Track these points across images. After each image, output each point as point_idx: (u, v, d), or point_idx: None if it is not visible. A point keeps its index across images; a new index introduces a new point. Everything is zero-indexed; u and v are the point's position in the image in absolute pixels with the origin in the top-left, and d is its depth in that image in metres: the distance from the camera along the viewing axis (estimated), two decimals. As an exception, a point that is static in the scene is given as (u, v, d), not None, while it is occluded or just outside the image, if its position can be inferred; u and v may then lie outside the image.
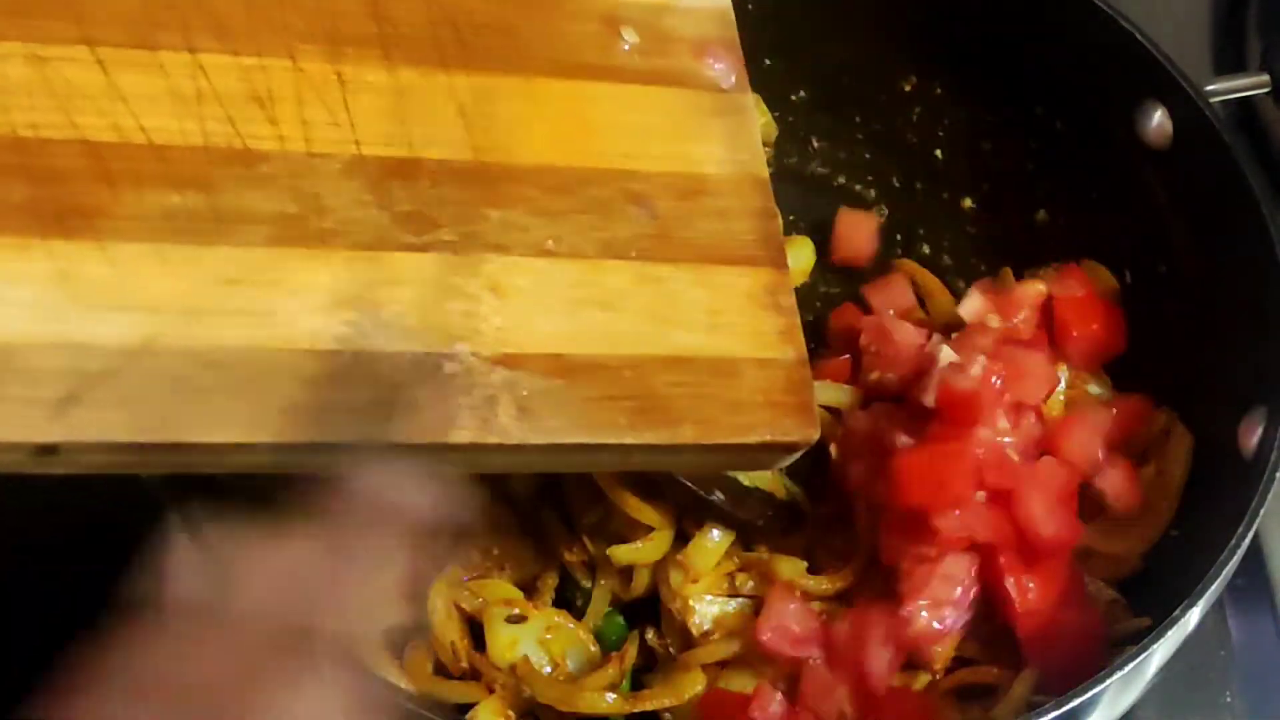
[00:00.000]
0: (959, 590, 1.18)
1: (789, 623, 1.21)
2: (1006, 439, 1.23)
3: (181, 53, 1.00)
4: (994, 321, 1.33)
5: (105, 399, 0.90)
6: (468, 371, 0.99)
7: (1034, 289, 1.36)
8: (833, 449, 1.32)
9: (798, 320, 1.12)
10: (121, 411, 0.90)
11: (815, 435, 1.09)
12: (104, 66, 0.98)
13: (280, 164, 0.99)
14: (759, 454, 1.10)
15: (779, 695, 1.17)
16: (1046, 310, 1.36)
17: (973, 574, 1.19)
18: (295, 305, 0.96)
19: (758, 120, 1.16)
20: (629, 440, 1.02)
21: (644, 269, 1.06)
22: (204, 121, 0.99)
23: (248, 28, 1.02)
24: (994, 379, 1.23)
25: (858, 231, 1.48)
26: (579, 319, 1.04)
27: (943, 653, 1.20)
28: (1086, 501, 1.26)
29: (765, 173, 1.14)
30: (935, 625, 1.18)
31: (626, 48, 1.13)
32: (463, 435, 0.97)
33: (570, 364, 1.02)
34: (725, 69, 1.16)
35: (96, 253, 0.93)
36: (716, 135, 1.14)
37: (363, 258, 0.99)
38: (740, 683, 1.20)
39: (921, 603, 1.18)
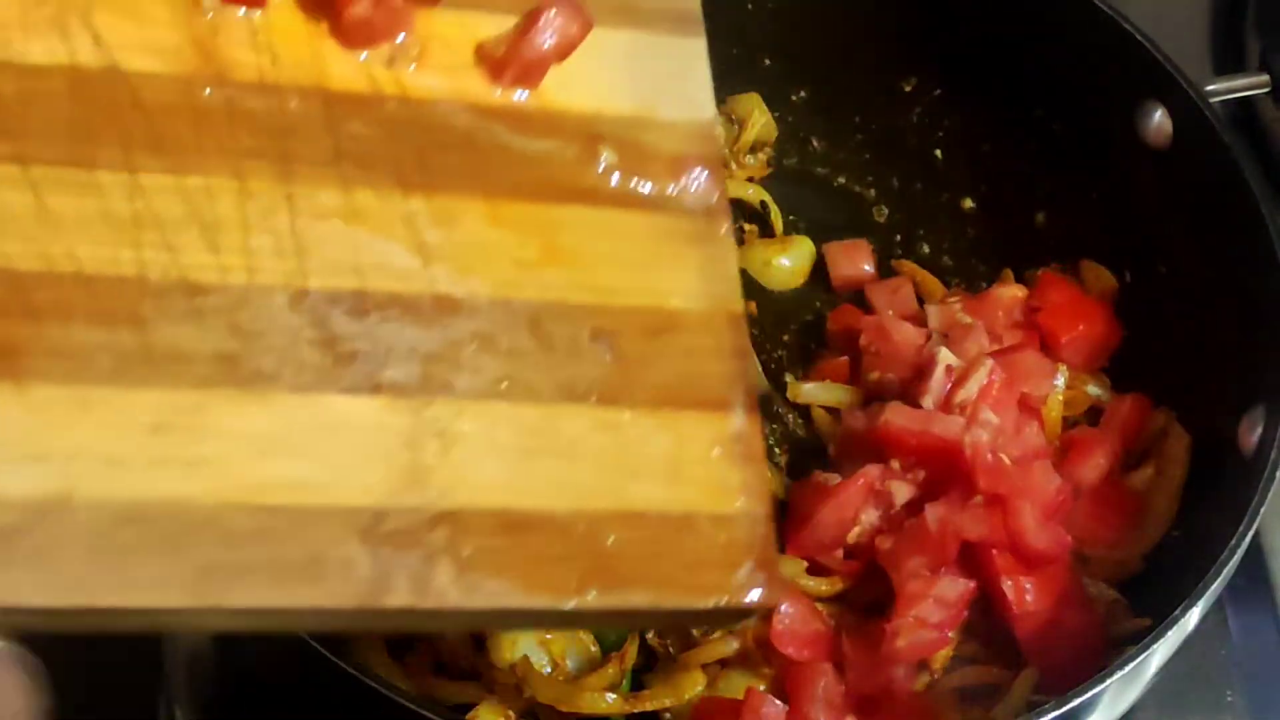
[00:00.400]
0: (947, 614, 1.18)
1: (797, 623, 1.21)
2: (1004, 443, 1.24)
3: (120, 172, 0.92)
4: (967, 319, 1.33)
5: (13, 559, 0.83)
6: (407, 529, 0.90)
7: (1010, 293, 1.36)
8: (831, 449, 1.32)
9: (765, 471, 1.01)
10: (31, 572, 0.83)
11: (778, 600, 0.98)
12: (35, 188, 0.90)
13: (220, 297, 0.91)
14: (716, 616, 1.00)
15: (774, 700, 1.17)
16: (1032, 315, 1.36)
17: (965, 599, 1.19)
18: (225, 453, 0.88)
19: (734, 249, 1.05)
20: (574, 606, 0.93)
21: (603, 414, 0.97)
22: (140, 249, 0.90)
23: (194, 144, 0.94)
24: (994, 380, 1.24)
25: (848, 258, 1.47)
26: (530, 470, 0.94)
27: (943, 653, 1.20)
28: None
29: (740, 307, 1.03)
30: (918, 644, 1.18)
31: (602, 167, 1.02)
32: (397, 599, 0.89)
33: (518, 520, 0.93)
34: (705, 189, 1.04)
35: (14, 396, 0.85)
36: (691, 265, 1.03)
37: (301, 401, 0.91)
38: (739, 683, 1.20)
39: (908, 619, 1.17)
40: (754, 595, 0.96)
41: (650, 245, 1.02)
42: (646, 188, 1.03)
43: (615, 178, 1.03)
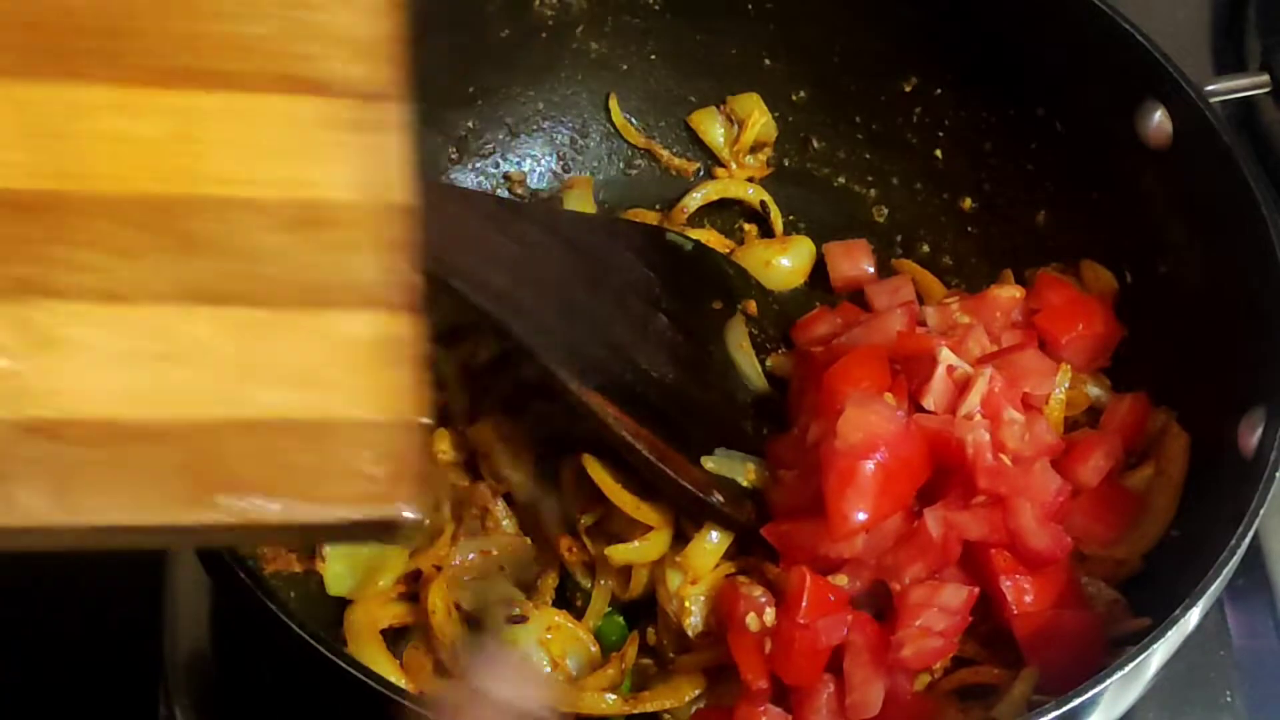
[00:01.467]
0: (952, 622, 1.18)
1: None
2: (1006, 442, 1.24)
3: None
4: (965, 319, 1.32)
5: None
6: None
7: (1007, 293, 1.35)
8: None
9: (421, 374, 0.93)
10: None
11: (420, 516, 0.90)
12: None
13: None
14: (355, 531, 0.92)
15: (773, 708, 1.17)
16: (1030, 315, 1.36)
17: (969, 605, 1.18)
18: None
19: (405, 137, 0.97)
20: (185, 521, 0.87)
21: (237, 315, 0.90)
22: None
23: None
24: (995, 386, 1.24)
25: (848, 258, 1.47)
26: (145, 377, 0.88)
27: (942, 654, 1.21)
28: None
29: (405, 198, 0.95)
30: (924, 653, 1.17)
31: (256, 47, 0.95)
32: None
33: (125, 431, 0.87)
34: (372, 72, 0.97)
35: None
36: (351, 154, 0.95)
37: None
38: (738, 684, 1.20)
39: (913, 628, 1.17)
40: (399, 509, 0.89)
41: (300, 131, 0.95)
42: (305, 71, 0.96)
43: (270, 60, 0.95)
